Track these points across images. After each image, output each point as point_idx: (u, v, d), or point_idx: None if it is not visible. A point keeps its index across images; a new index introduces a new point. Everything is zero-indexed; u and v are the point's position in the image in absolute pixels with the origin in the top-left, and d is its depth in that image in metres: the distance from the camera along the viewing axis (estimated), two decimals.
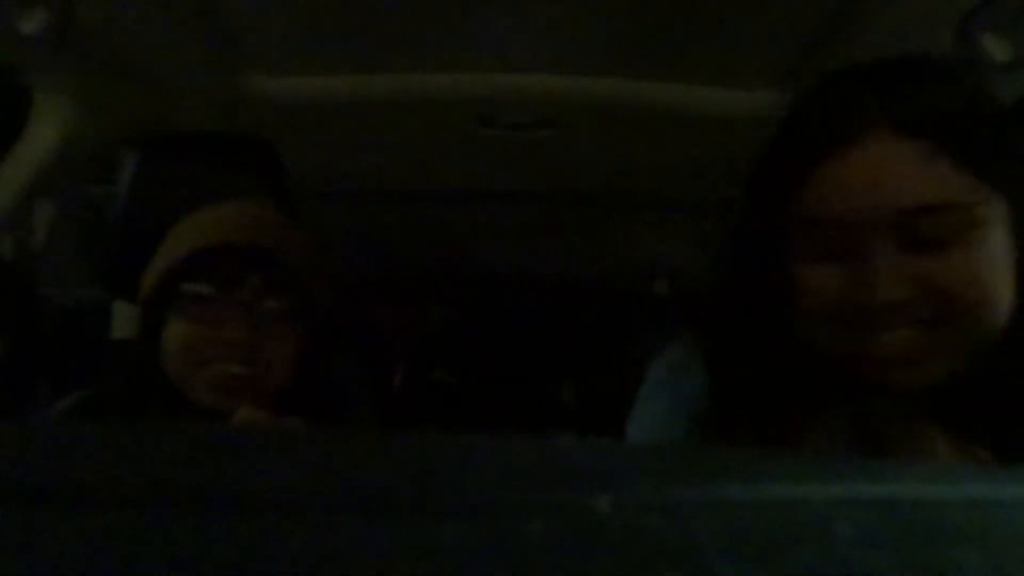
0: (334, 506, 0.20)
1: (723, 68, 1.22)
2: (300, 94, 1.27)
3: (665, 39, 1.16)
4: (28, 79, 1.11)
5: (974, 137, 0.54)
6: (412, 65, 1.24)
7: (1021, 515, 0.21)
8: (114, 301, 1.22)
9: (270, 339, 0.82)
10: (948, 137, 0.54)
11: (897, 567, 0.19)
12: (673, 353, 0.69)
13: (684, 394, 0.64)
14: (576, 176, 1.51)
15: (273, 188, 1.08)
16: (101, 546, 0.19)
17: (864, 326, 0.55)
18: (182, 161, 1.29)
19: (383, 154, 1.45)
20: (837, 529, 0.20)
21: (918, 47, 0.60)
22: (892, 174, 0.54)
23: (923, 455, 0.57)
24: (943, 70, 0.58)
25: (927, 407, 0.58)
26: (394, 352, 1.81)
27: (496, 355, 2.05)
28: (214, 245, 0.81)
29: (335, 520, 0.20)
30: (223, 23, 1.11)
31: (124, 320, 1.20)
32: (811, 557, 0.19)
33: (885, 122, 0.55)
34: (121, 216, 1.26)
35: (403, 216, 1.64)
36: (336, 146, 1.42)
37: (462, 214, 1.65)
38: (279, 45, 1.19)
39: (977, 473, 0.23)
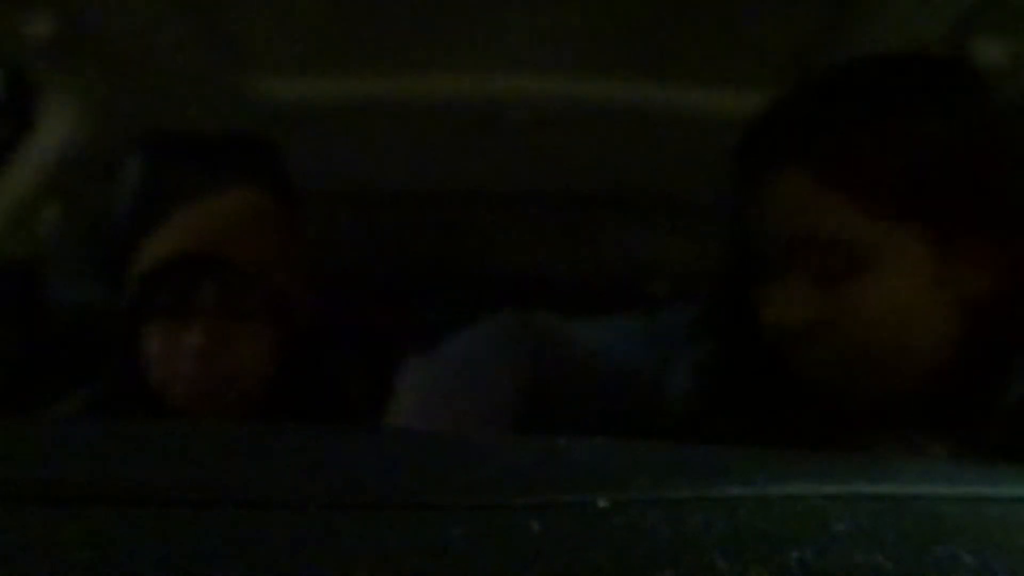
0: (334, 506, 0.20)
1: (722, 68, 1.22)
2: (300, 94, 1.26)
3: (664, 39, 1.16)
4: (33, 80, 1.11)
5: (885, 176, 0.53)
6: (413, 65, 1.23)
7: (1014, 511, 0.21)
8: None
9: (238, 342, 0.83)
10: (843, 173, 0.53)
11: (893, 563, 0.19)
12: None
13: None
14: (576, 176, 1.51)
15: (274, 188, 1.08)
16: (100, 545, 0.19)
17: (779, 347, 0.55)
18: (183, 161, 1.29)
19: (383, 154, 1.45)
20: (834, 526, 0.20)
21: (917, 47, 0.60)
22: (782, 202, 0.55)
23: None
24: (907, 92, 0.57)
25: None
26: (394, 352, 1.80)
27: None
28: (168, 257, 0.83)
29: (335, 520, 0.20)
30: (226, 24, 1.11)
31: None
32: (809, 554, 0.19)
33: (790, 153, 0.55)
34: (122, 216, 1.26)
35: (403, 216, 1.64)
36: (336, 146, 1.42)
37: (462, 214, 1.64)
38: (280, 46, 1.19)
39: (971, 471, 0.23)
